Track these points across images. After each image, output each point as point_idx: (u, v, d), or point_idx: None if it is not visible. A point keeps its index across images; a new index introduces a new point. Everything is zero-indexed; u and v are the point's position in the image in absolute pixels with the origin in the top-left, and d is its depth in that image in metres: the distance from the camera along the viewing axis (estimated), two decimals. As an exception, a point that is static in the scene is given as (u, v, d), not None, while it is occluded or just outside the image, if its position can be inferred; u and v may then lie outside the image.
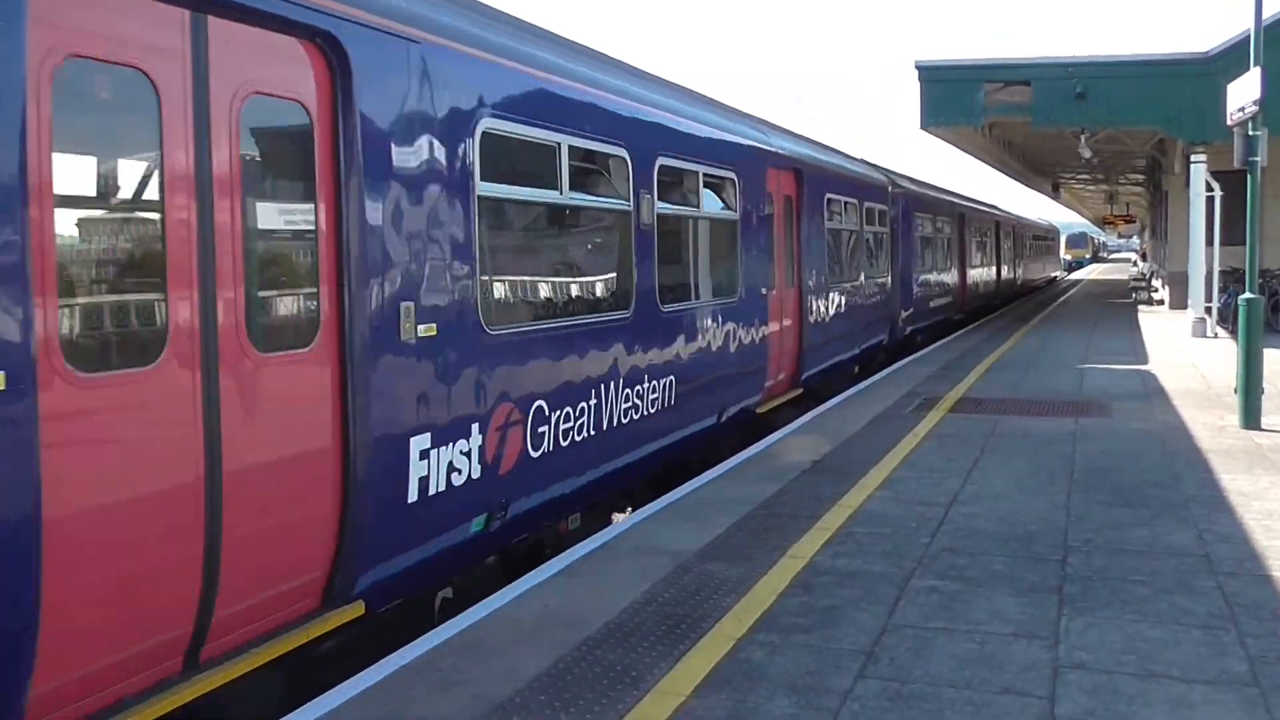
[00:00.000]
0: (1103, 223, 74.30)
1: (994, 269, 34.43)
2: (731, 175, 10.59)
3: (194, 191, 4.36)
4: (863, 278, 16.59)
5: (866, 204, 16.82)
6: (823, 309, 14.10)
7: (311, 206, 5.09)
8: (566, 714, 4.47)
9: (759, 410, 11.57)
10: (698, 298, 9.94)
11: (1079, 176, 43.50)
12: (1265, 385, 11.13)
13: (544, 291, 7.49)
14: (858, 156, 19.19)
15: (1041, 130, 23.60)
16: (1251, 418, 10.92)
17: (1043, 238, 55.03)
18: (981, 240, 31.35)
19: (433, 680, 4.81)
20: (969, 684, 4.72)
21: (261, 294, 4.83)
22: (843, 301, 15.21)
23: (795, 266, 12.97)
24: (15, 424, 3.60)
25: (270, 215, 4.94)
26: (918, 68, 22.10)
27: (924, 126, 22.40)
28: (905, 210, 20.20)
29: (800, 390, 13.13)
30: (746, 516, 7.57)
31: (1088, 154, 26.25)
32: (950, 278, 25.80)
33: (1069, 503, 7.90)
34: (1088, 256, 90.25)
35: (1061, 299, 38.11)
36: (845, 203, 15.42)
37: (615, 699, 4.61)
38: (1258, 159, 11.52)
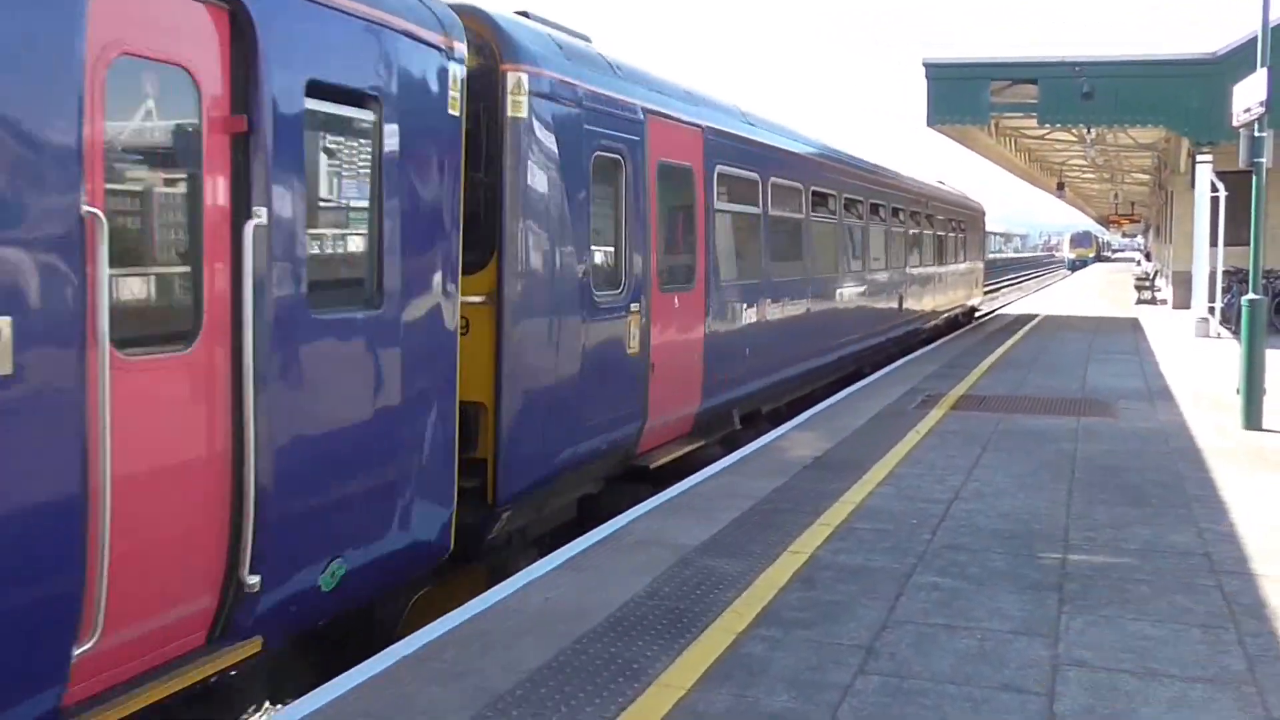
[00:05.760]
0: (1106, 222, 74.18)
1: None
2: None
3: None
4: None
5: None
6: None
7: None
8: (567, 706, 4.49)
9: None
10: None
11: (1084, 174, 43.31)
12: (1267, 386, 11.13)
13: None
14: None
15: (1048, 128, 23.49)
16: (1254, 419, 10.92)
17: (924, 214, 21.56)
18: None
19: (435, 671, 4.83)
20: (969, 680, 4.74)
21: None
22: None
23: None
24: None
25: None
26: (925, 65, 22.09)
27: (930, 124, 22.42)
28: None
29: None
30: (749, 511, 7.59)
31: (1093, 153, 26.18)
32: None
33: (1070, 501, 7.92)
34: (1091, 255, 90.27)
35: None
36: None
37: (616, 692, 4.63)
38: (1263, 160, 11.51)
